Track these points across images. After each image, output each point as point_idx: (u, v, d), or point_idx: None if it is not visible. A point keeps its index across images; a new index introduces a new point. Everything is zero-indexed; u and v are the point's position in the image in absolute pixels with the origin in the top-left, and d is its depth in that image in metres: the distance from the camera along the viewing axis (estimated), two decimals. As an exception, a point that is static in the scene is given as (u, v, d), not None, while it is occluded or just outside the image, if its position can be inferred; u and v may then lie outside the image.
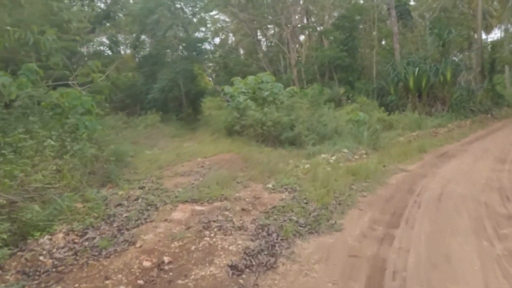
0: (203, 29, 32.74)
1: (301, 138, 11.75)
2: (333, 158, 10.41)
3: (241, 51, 37.76)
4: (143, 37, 25.51)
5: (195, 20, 24.50)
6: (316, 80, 28.47)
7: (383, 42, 32.52)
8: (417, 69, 19.92)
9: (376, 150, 12.34)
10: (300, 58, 29.17)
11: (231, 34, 41.56)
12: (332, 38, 29.89)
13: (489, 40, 35.88)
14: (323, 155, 10.51)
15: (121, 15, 26.25)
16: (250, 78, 14.01)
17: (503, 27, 46.93)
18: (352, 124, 13.18)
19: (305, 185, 7.39)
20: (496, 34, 41.31)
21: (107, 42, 26.19)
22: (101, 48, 26.12)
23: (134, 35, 25.80)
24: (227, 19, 37.75)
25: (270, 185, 7.23)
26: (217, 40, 38.20)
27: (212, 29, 36.45)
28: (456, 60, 20.90)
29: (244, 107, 12.73)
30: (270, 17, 26.97)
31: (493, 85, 26.62)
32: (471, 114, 20.75)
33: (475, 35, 24.76)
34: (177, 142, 16.63)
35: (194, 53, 25.30)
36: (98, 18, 25.88)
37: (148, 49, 26.28)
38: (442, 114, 19.63)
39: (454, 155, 11.39)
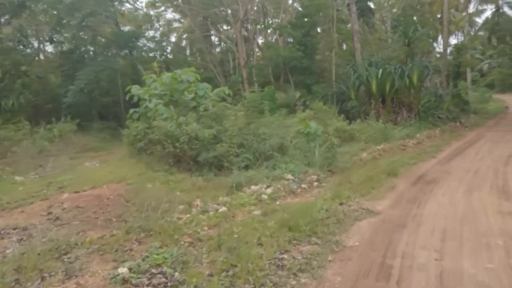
0: (148, 25, 29.09)
1: (229, 159, 8.39)
2: (269, 191, 7.10)
3: (188, 51, 34.13)
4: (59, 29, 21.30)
5: (123, 9, 20.66)
6: (270, 83, 25.42)
7: (344, 47, 30.16)
8: (380, 70, 17.21)
9: (333, 173, 9.21)
10: (252, 59, 26.01)
11: (185, 35, 37.85)
12: (287, 36, 27.08)
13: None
14: (254, 187, 7.18)
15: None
16: (167, 75, 10.51)
17: (460, 34, 46.38)
18: (302, 138, 10.00)
19: (193, 266, 3.97)
20: (453, 40, 40.22)
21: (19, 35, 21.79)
22: (11, 43, 21.66)
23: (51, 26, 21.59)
24: (178, 17, 34.16)
25: (123, 270, 3.77)
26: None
27: (161, 28, 32.73)
28: (423, 62, 18.35)
29: (153, 115, 9.23)
30: (216, 10, 23.55)
31: (458, 90, 24.63)
32: (439, 122, 18.31)
33: (439, 37, 22.54)
34: (81, 159, 12.85)
35: (126, 50, 21.50)
36: (12, 7, 21.59)
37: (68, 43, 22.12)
38: (409, 123, 17.00)
39: (435, 180, 8.43)
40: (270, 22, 27.17)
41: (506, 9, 47.47)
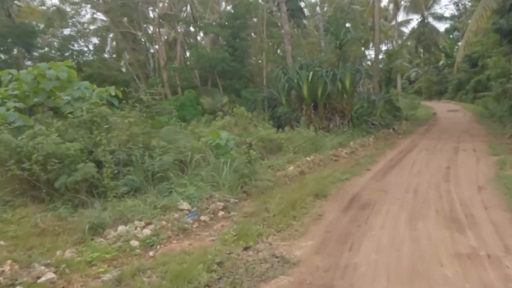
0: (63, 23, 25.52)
1: (105, 182, 6.10)
2: (147, 231, 4.95)
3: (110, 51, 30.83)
4: None
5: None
6: (197, 87, 23.25)
7: (279, 51, 28.91)
8: (311, 73, 15.81)
9: (248, 196, 7.28)
10: (176, 60, 23.67)
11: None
12: (217, 37, 25.14)
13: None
14: (122, 228, 4.98)
15: None
16: (29, 70, 7.96)
17: (389, 43, 47.72)
18: (211, 150, 7.97)
19: None
20: (384, 48, 40.93)
21: None
22: None
23: None
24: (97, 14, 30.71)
25: None
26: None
27: (79, 26, 29.07)
28: (356, 66, 17.34)
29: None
30: (132, 4, 20.90)
31: (390, 96, 24.25)
32: (373, 129, 17.34)
33: (371, 45, 21.90)
34: None
35: (19, 47, 18.16)
36: None
37: None
38: (342, 130, 15.75)
39: (371, 202, 6.82)
40: (197, 21, 25.02)
41: (430, 19, 50.11)
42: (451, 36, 54.21)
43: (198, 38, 30.15)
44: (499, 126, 18.26)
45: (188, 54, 26.84)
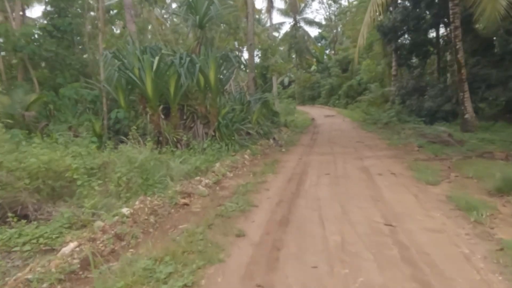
0: None
1: None
2: None
3: None
4: None
5: None
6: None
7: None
8: (156, 59, 10.35)
9: None
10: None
11: None
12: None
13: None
14: None
15: None
16: None
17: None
18: None
19: None
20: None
21: None
22: None
23: None
24: None
25: None
26: None
27: None
28: (225, 52, 12.34)
29: None
30: None
31: (267, 98, 20.32)
32: (248, 140, 12.75)
33: (247, 23, 17.42)
34: None
35: None
36: None
37: None
38: (206, 143, 10.72)
39: None
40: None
41: (302, 23, 49.36)
42: (319, 44, 54.83)
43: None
44: (391, 134, 15.50)
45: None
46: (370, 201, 6.23)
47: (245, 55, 24.28)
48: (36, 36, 15.25)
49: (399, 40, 21.47)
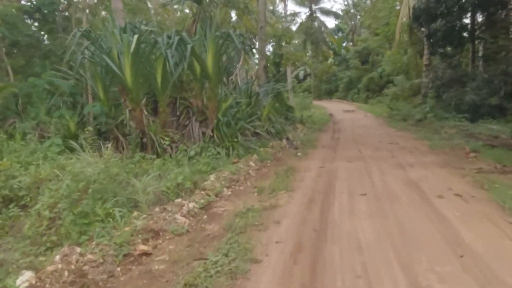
0: None
1: None
2: None
3: None
4: None
5: None
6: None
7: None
8: (135, 37, 7.92)
9: None
10: None
11: None
12: None
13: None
14: None
15: None
16: None
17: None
18: None
19: None
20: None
21: None
22: None
23: None
24: None
25: None
26: None
27: None
28: (227, 30, 9.75)
29: None
30: None
31: (279, 89, 17.79)
32: (255, 141, 10.30)
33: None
34: None
35: None
36: None
37: None
38: (193, 149, 8.32)
39: None
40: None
41: (319, 13, 46.47)
42: (336, 37, 51.79)
43: None
44: (429, 133, 12.85)
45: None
46: (446, 252, 3.73)
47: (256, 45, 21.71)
48: (9, 17, 13.03)
49: (432, 25, 18.59)
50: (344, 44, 49.93)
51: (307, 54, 47.80)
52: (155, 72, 8.90)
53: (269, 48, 23.06)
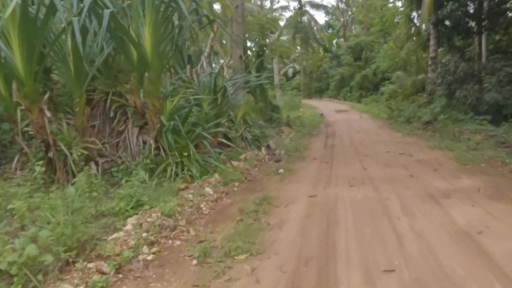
0: None
1: None
2: None
3: None
4: None
5: None
6: None
7: None
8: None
9: None
10: None
11: None
12: None
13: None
14: None
15: None
16: None
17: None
18: None
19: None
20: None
21: None
22: None
23: None
24: None
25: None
26: None
27: None
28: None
29: None
30: None
31: (263, 87, 14.93)
32: (224, 153, 7.41)
33: None
34: None
35: None
36: None
37: None
38: (143, 165, 5.43)
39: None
40: None
41: (308, 7, 43.75)
42: (326, 33, 49.17)
43: None
44: (446, 140, 10.10)
45: None
46: None
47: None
48: None
49: (440, 11, 15.82)
50: (335, 41, 47.33)
51: (296, 50, 45.15)
52: (65, 54, 5.97)
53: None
